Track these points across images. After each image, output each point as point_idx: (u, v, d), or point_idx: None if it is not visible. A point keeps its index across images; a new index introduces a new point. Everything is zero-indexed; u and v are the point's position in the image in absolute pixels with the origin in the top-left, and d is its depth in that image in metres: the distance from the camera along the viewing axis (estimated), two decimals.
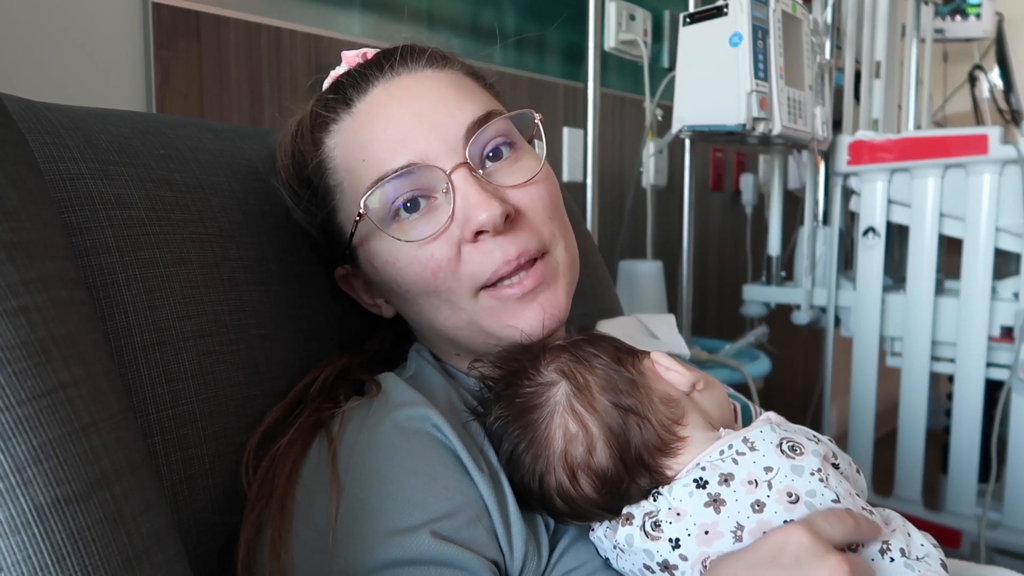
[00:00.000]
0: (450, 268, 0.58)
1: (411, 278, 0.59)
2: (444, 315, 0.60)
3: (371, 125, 0.60)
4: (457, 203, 0.57)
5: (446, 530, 0.50)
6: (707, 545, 0.49)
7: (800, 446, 0.51)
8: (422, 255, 0.58)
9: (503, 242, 0.57)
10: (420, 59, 0.62)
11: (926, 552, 0.48)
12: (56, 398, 0.39)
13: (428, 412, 0.55)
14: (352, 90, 0.62)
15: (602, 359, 0.55)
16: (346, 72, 0.64)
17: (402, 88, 0.60)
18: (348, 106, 0.61)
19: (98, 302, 0.54)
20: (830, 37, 1.66)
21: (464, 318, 0.60)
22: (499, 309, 0.59)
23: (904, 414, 1.66)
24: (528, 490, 0.54)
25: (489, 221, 0.56)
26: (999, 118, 2.56)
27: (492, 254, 0.57)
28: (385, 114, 0.59)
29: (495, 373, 0.57)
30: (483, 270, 0.58)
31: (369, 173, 0.59)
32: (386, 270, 0.61)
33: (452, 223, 0.58)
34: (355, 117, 0.61)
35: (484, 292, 0.59)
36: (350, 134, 0.61)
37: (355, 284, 0.68)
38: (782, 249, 1.79)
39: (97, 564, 0.38)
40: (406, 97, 0.60)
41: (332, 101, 0.62)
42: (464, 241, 0.58)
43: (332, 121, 0.62)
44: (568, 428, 0.53)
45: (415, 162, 0.57)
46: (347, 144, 0.61)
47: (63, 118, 0.59)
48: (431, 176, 0.58)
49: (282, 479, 0.55)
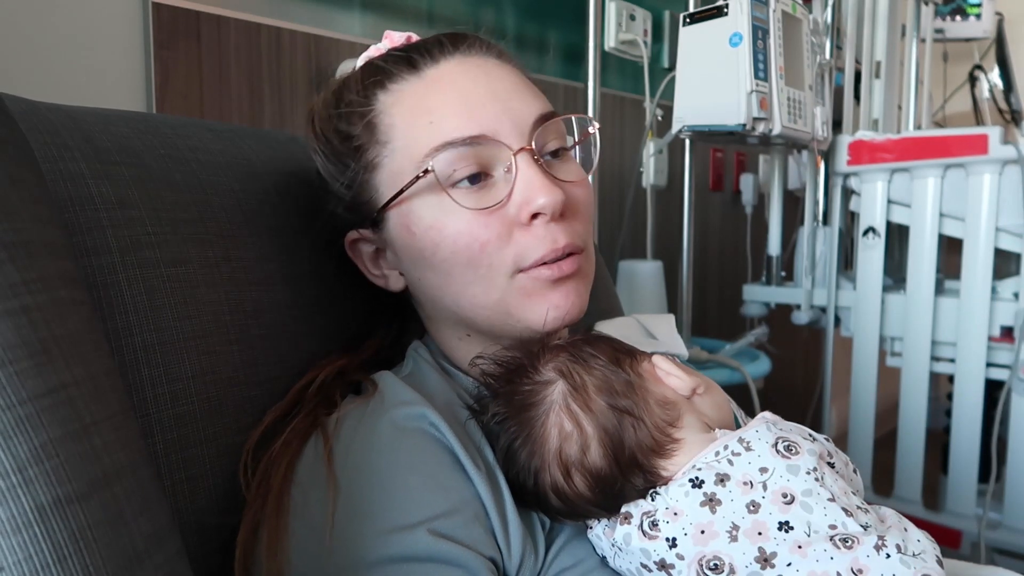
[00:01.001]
0: (497, 245, 0.59)
1: (455, 247, 0.59)
2: (473, 292, 0.60)
3: (442, 92, 0.60)
4: (518, 184, 0.59)
5: (444, 528, 0.50)
6: (703, 544, 0.49)
7: (796, 445, 0.52)
8: (474, 226, 0.59)
9: (554, 230, 0.59)
10: (492, 49, 0.65)
11: (922, 548, 0.48)
12: (57, 398, 0.39)
13: (425, 411, 0.55)
14: (420, 57, 0.62)
15: (600, 359, 0.56)
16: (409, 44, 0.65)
17: (477, 67, 0.62)
18: (414, 69, 0.62)
19: (98, 302, 0.54)
20: (830, 37, 1.66)
21: (494, 297, 0.60)
22: (530, 290, 0.60)
23: (904, 414, 1.66)
24: (523, 487, 0.55)
25: (549, 205, 0.58)
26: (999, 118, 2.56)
27: (543, 239, 0.59)
28: (459, 85, 0.61)
29: (495, 370, 0.58)
30: (530, 253, 0.59)
31: (435, 135, 0.59)
32: (427, 235, 0.60)
33: (509, 202, 0.59)
34: (423, 81, 0.61)
35: (521, 274, 0.60)
36: (415, 96, 0.61)
37: (364, 252, 0.67)
38: (782, 249, 1.79)
39: (98, 564, 0.38)
40: (481, 76, 0.61)
41: (395, 60, 0.63)
42: (516, 222, 0.59)
43: (392, 79, 0.62)
44: (563, 427, 0.54)
45: (485, 134, 0.59)
46: (410, 105, 0.61)
47: (63, 118, 0.59)
48: (497, 152, 0.59)
49: (277, 478, 0.55)
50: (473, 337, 0.64)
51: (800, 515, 0.48)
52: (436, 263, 0.61)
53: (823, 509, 0.49)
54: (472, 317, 0.62)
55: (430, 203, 0.60)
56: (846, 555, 0.47)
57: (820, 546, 0.47)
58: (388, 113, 0.62)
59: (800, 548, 0.47)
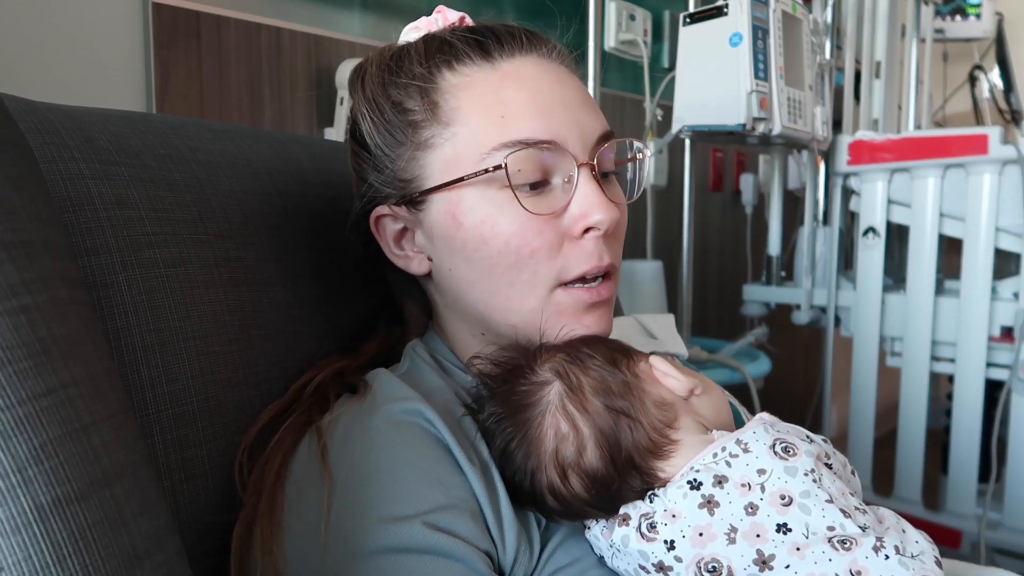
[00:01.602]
0: (546, 255, 0.59)
1: (504, 247, 0.58)
2: (508, 295, 0.60)
3: (517, 88, 0.60)
4: (576, 197, 0.59)
5: (440, 521, 0.50)
6: (701, 547, 0.49)
7: (793, 447, 0.51)
8: (528, 230, 0.58)
9: (601, 248, 0.59)
10: (565, 58, 0.65)
11: (921, 549, 0.48)
12: (57, 398, 0.39)
13: (420, 406, 0.55)
14: (494, 46, 0.61)
15: (597, 360, 0.55)
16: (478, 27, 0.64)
17: (551, 72, 0.62)
18: (487, 57, 0.61)
19: (98, 302, 0.54)
20: (830, 37, 1.66)
21: (528, 306, 0.60)
22: (565, 310, 0.60)
23: (904, 414, 1.66)
24: (520, 487, 0.55)
25: (605, 221, 0.58)
26: (999, 118, 2.56)
27: (590, 254, 0.59)
28: (534, 85, 0.60)
29: (492, 370, 0.58)
30: (575, 267, 0.59)
31: (507, 132, 0.58)
32: (476, 229, 0.59)
33: (564, 213, 0.59)
34: (497, 72, 0.60)
35: (560, 289, 0.60)
36: (487, 85, 0.60)
37: (390, 229, 0.64)
38: (782, 249, 1.79)
39: (98, 564, 0.38)
40: (556, 82, 0.61)
41: (464, 42, 0.61)
42: (567, 235, 0.59)
43: (460, 61, 0.61)
44: (559, 428, 0.53)
45: (556, 141, 0.58)
46: (480, 93, 0.60)
47: (63, 118, 0.59)
48: (561, 161, 0.59)
49: (271, 475, 0.55)
50: (487, 337, 0.64)
51: (798, 517, 0.48)
52: (478, 258, 0.59)
53: (821, 510, 0.48)
54: (497, 319, 0.61)
55: (487, 197, 0.59)
56: (844, 556, 0.47)
57: (818, 548, 0.47)
58: (454, 95, 0.60)
59: (798, 550, 0.47)
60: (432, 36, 0.63)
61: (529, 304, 0.60)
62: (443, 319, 0.67)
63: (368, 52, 1.21)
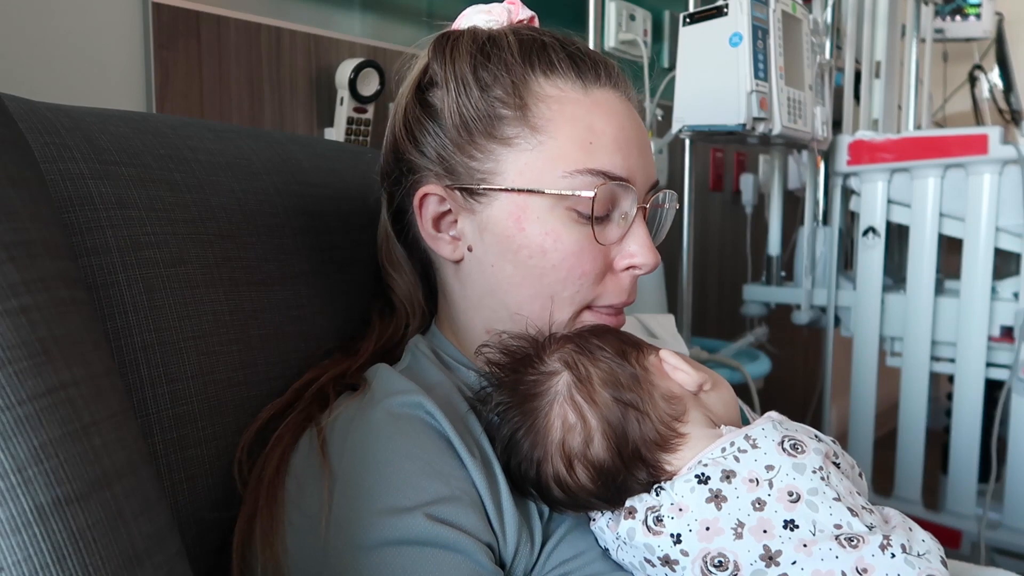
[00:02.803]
0: (592, 279, 0.61)
1: (559, 262, 0.60)
2: (543, 305, 0.61)
3: (605, 119, 0.61)
4: (630, 237, 0.62)
5: (441, 513, 0.50)
6: (708, 541, 0.49)
7: (802, 444, 0.51)
8: (585, 253, 0.61)
9: (631, 284, 0.64)
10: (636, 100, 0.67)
11: (927, 548, 0.48)
12: (57, 398, 0.39)
13: (420, 399, 0.56)
14: (589, 71, 0.62)
15: (606, 352, 0.56)
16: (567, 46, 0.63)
17: (629, 111, 0.64)
18: (581, 81, 0.62)
19: (98, 302, 0.54)
20: (830, 37, 1.66)
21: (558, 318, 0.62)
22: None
23: (904, 414, 1.66)
24: (525, 477, 0.55)
25: (648, 266, 0.62)
26: (999, 118, 2.56)
27: (624, 289, 0.63)
28: (619, 122, 0.62)
29: (500, 359, 0.58)
30: (609, 298, 0.63)
31: (592, 159, 0.60)
32: (537, 239, 0.60)
33: (615, 248, 0.62)
34: (589, 99, 0.62)
35: (588, 311, 0.63)
36: (580, 109, 0.61)
37: (433, 208, 0.63)
38: (782, 249, 1.79)
39: (98, 564, 0.38)
40: (634, 123, 0.64)
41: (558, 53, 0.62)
42: (610, 267, 0.62)
43: (555, 74, 0.61)
44: (567, 418, 0.54)
45: (630, 181, 0.61)
46: (573, 114, 0.60)
47: (63, 118, 0.59)
48: (626, 198, 0.62)
49: (271, 471, 0.55)
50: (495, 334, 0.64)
51: (806, 514, 0.48)
52: (531, 265, 0.60)
53: (829, 508, 0.49)
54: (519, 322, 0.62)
55: (556, 213, 0.60)
56: (851, 554, 0.47)
57: (825, 545, 0.47)
58: (547, 105, 0.60)
59: (805, 546, 0.47)
60: (525, 34, 0.63)
61: (560, 316, 0.62)
62: (456, 309, 0.66)
63: (368, 52, 1.21)
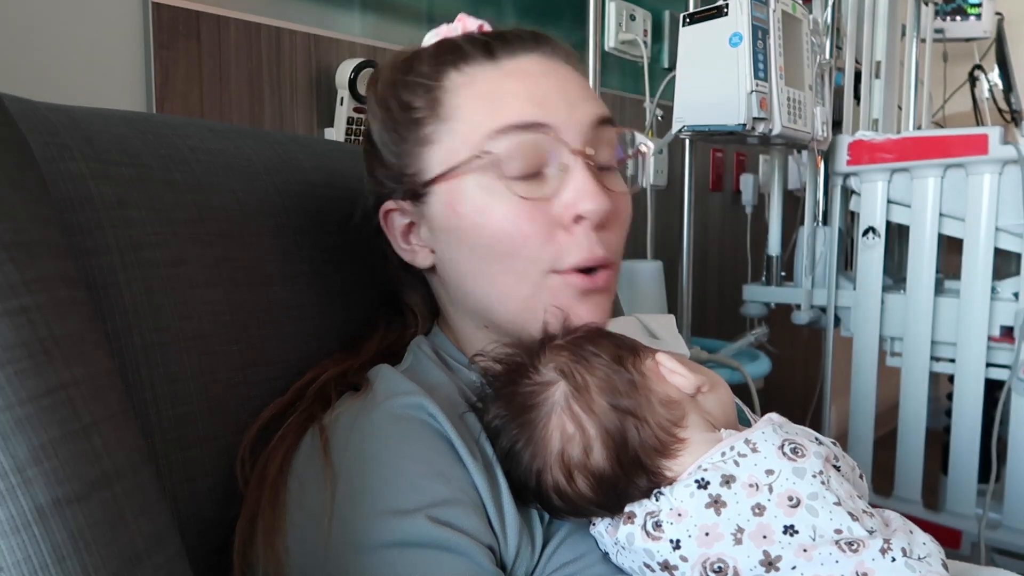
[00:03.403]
0: (538, 241, 0.59)
1: (497, 234, 0.59)
2: (505, 281, 0.61)
3: (515, 82, 0.61)
4: (569, 184, 0.59)
5: (443, 515, 0.50)
6: (707, 547, 0.49)
7: (802, 448, 0.51)
8: (520, 217, 0.59)
9: (593, 240, 0.59)
10: (570, 55, 0.66)
11: (928, 551, 0.48)
12: (57, 398, 0.39)
13: (422, 400, 0.55)
14: (499, 46, 0.63)
15: (602, 359, 0.55)
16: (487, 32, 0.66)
17: (553, 67, 0.63)
18: (491, 56, 0.63)
19: (98, 302, 0.54)
20: (830, 37, 1.66)
21: (524, 292, 0.60)
22: (560, 295, 0.60)
23: (904, 414, 1.66)
24: (525, 486, 0.54)
25: (595, 211, 0.58)
26: (999, 118, 2.56)
27: (580, 247, 0.59)
28: (533, 80, 0.61)
29: (495, 369, 0.57)
30: (568, 257, 0.59)
31: (498, 118, 0.60)
32: (471, 217, 0.60)
33: (556, 199, 0.59)
34: (499, 69, 0.62)
35: (555, 274, 0.60)
36: (488, 82, 0.62)
37: (397, 224, 0.66)
38: (782, 249, 1.79)
39: (98, 564, 0.38)
40: (556, 75, 0.62)
41: (473, 44, 0.63)
42: (559, 222, 0.59)
43: (466, 62, 0.63)
44: (565, 429, 0.53)
45: (547, 124, 0.59)
46: (481, 89, 0.61)
47: (63, 118, 0.59)
48: (554, 147, 0.59)
49: (273, 470, 0.55)
50: (490, 329, 0.64)
51: (806, 519, 0.48)
52: (475, 246, 0.61)
53: (829, 513, 0.48)
54: (497, 308, 0.62)
55: (481, 184, 0.60)
56: (851, 559, 0.46)
57: (825, 550, 0.47)
58: (456, 93, 0.62)
59: (805, 552, 0.47)
60: (444, 40, 0.65)
61: (525, 290, 0.60)
62: (448, 314, 0.67)
63: (368, 52, 1.21)
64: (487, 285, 0.61)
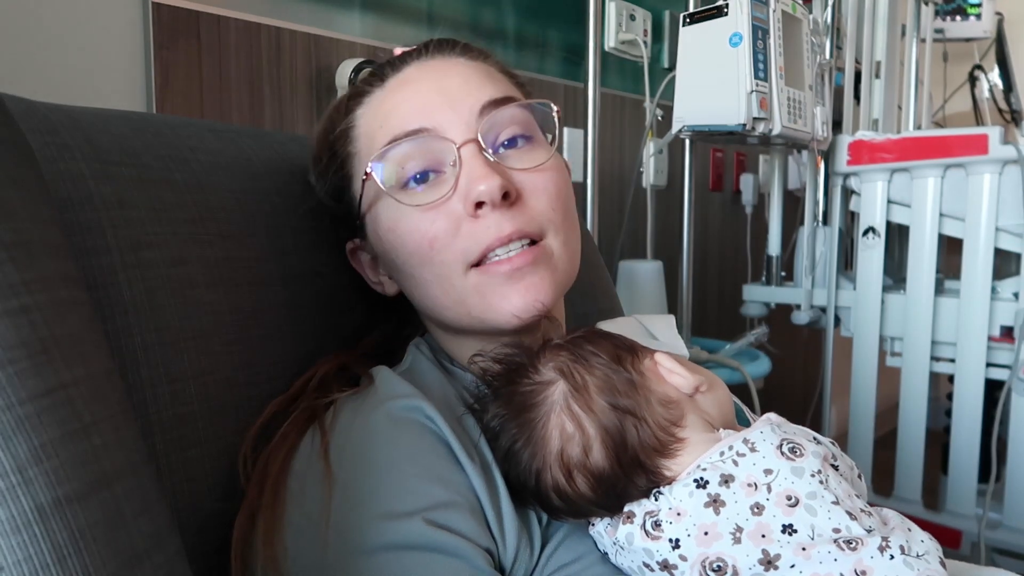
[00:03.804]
0: (446, 240, 0.59)
1: (409, 247, 0.60)
2: (434, 292, 0.61)
3: (395, 96, 0.63)
4: (461, 176, 0.59)
5: (441, 518, 0.50)
6: (706, 546, 0.49)
7: (800, 447, 0.51)
8: (423, 222, 0.59)
9: (500, 218, 0.58)
10: (454, 48, 0.65)
11: (926, 549, 0.48)
12: (57, 398, 0.39)
13: (421, 403, 0.56)
14: (389, 68, 0.65)
15: (601, 358, 0.55)
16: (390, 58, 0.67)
17: (432, 68, 0.64)
18: (382, 81, 0.64)
19: (98, 302, 0.54)
20: (830, 37, 1.66)
21: (452, 297, 0.60)
22: (486, 288, 0.59)
23: (904, 414, 1.66)
24: (524, 486, 0.55)
25: (487, 192, 0.57)
26: (999, 118, 2.56)
27: (488, 228, 0.58)
28: (411, 88, 0.62)
29: (494, 369, 0.58)
30: (476, 244, 0.58)
31: (383, 137, 0.61)
32: (387, 237, 0.62)
33: (454, 195, 0.59)
34: (384, 90, 0.64)
35: (474, 270, 0.59)
36: (376, 104, 0.64)
37: (363, 260, 0.69)
38: (782, 249, 1.79)
39: (98, 564, 0.38)
40: (433, 75, 0.63)
41: (370, 77, 0.66)
42: (464, 217, 0.58)
43: (366, 94, 0.65)
44: (565, 428, 0.53)
45: (427, 128, 0.59)
46: (372, 113, 0.64)
47: (63, 118, 0.59)
48: (441, 147, 0.60)
49: (275, 468, 0.56)
50: (463, 335, 0.64)
51: (804, 518, 0.48)
52: (400, 265, 0.62)
53: (827, 512, 0.48)
54: (445, 318, 0.63)
55: (387, 205, 0.61)
56: (850, 556, 0.47)
57: (824, 548, 0.47)
58: (357, 125, 0.64)
59: (804, 550, 0.47)
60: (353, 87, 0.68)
61: (453, 295, 0.60)
62: (428, 328, 0.69)
63: (368, 52, 1.21)
64: (427, 297, 0.62)
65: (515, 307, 0.58)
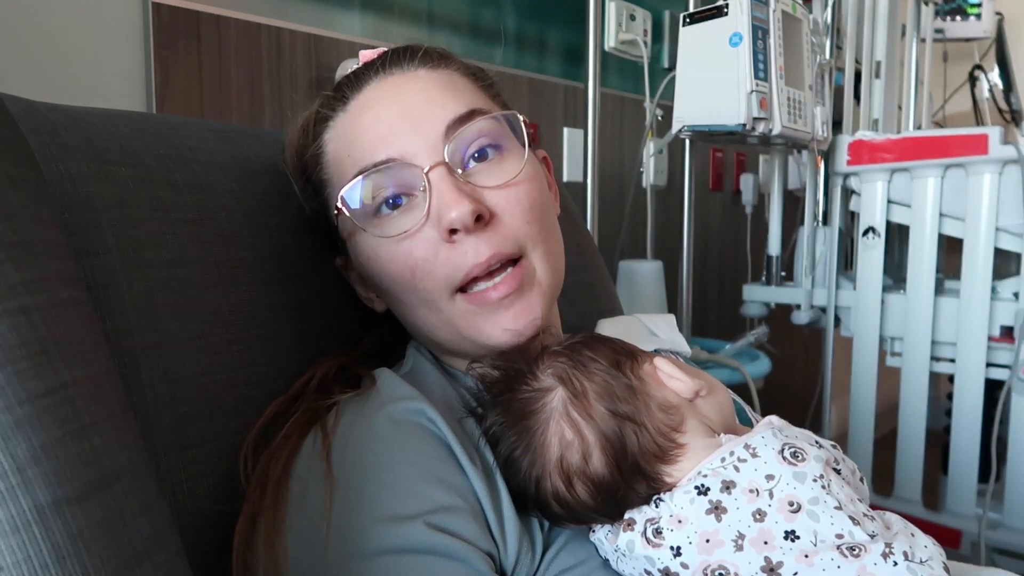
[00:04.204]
0: (427, 268, 0.58)
1: (391, 275, 0.60)
2: (423, 315, 0.61)
3: (358, 122, 0.61)
4: (432, 201, 0.58)
5: (442, 522, 0.50)
6: (708, 553, 0.48)
7: (802, 452, 0.51)
8: (400, 252, 0.59)
9: (476, 242, 0.57)
10: (413, 59, 0.63)
11: (929, 555, 0.48)
12: (56, 398, 0.39)
13: (422, 406, 0.55)
14: (348, 88, 0.63)
15: (600, 364, 0.55)
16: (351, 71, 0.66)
17: (390, 87, 0.62)
18: (344, 103, 0.63)
19: (98, 302, 0.54)
20: (830, 37, 1.66)
21: (442, 319, 0.60)
22: (474, 313, 0.59)
23: (904, 414, 1.66)
24: (524, 493, 0.54)
25: (459, 219, 0.56)
26: (999, 118, 2.56)
27: (465, 254, 0.57)
28: (372, 113, 0.61)
29: (493, 375, 0.57)
30: (455, 270, 0.58)
31: (351, 168, 0.61)
32: (369, 265, 0.62)
33: (427, 221, 0.58)
34: (348, 114, 0.63)
35: (460, 295, 0.59)
36: (341, 130, 0.63)
37: (352, 276, 0.69)
38: (782, 249, 1.78)
39: (97, 564, 0.38)
40: (393, 96, 0.61)
41: (332, 99, 0.64)
42: (440, 241, 0.58)
43: (330, 117, 0.64)
44: (564, 435, 0.53)
45: (394, 158, 0.59)
46: (338, 139, 0.63)
47: (63, 118, 0.58)
48: (410, 174, 0.59)
49: (276, 470, 0.55)
50: (453, 356, 0.65)
51: (807, 524, 0.48)
52: (388, 290, 0.62)
53: (830, 518, 0.48)
54: (436, 338, 0.63)
55: (362, 234, 0.61)
56: (853, 563, 0.46)
57: (827, 555, 0.46)
58: (326, 152, 0.64)
59: (807, 557, 0.47)
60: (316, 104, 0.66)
61: (442, 318, 0.60)
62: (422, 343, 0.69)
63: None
64: (417, 319, 0.63)
65: (506, 332, 0.59)
